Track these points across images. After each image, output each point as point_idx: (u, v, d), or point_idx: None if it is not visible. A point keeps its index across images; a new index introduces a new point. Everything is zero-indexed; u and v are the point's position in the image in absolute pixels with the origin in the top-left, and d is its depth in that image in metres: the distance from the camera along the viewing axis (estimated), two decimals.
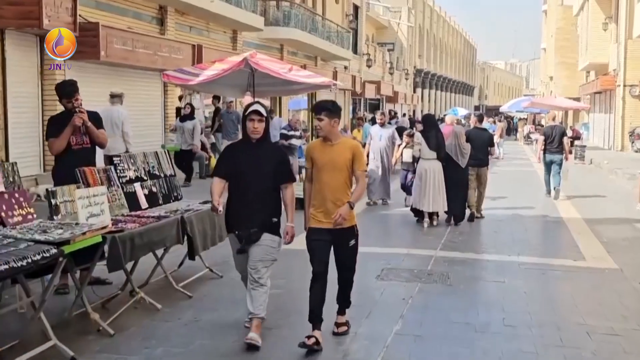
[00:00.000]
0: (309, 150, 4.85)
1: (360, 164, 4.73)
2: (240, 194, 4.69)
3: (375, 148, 11.99)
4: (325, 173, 4.68)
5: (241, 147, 4.82)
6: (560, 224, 10.32)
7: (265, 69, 10.48)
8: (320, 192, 4.73)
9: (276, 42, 21.13)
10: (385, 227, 10.29)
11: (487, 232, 9.55)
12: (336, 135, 4.73)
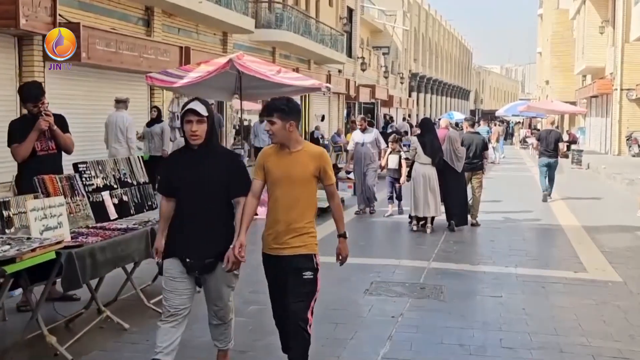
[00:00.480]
0: (261, 157, 3.94)
1: (328, 177, 3.88)
2: (187, 214, 3.80)
3: (358, 154, 11.48)
4: (279, 188, 3.82)
5: (182, 157, 3.92)
6: (559, 232, 9.91)
7: (251, 71, 10.05)
8: (272, 211, 3.87)
9: (268, 45, 20.70)
10: (376, 236, 9.86)
11: (483, 241, 9.13)
12: (295, 141, 3.85)
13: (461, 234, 9.69)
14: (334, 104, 28.51)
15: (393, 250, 8.51)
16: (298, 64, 23.12)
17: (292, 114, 3.83)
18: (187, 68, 10.91)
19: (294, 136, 3.86)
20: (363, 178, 11.35)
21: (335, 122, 28.31)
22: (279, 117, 3.79)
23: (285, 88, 11.42)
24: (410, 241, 9.11)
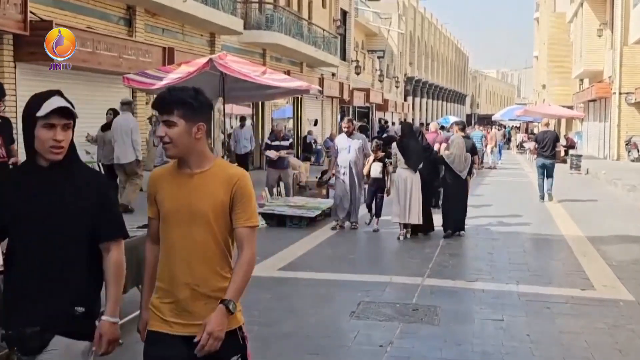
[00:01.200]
0: (151, 183, 2.68)
1: (245, 213, 2.54)
2: (19, 261, 2.53)
3: (342, 161, 10.15)
4: (175, 228, 2.55)
5: (25, 178, 2.57)
6: (562, 243, 9.30)
7: (233, 72, 9.44)
8: (166, 265, 2.58)
9: (258, 47, 20.10)
10: (366, 248, 9.22)
11: (481, 254, 8.50)
12: (201, 157, 2.57)
13: (458, 245, 9.08)
14: (327, 108, 27.93)
15: (384, 265, 7.88)
16: (290, 66, 22.51)
17: (202, 112, 2.56)
18: (166, 69, 10.32)
19: (201, 148, 2.56)
20: (349, 189, 10.03)
21: (329, 127, 27.71)
22: (182, 116, 2.50)
23: (272, 90, 10.87)
24: (403, 254, 8.48)
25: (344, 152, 10.18)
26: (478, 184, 18.39)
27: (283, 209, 10.61)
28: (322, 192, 14.01)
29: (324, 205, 11.33)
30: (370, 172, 10.04)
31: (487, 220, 11.30)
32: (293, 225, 10.36)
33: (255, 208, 2.61)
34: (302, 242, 9.07)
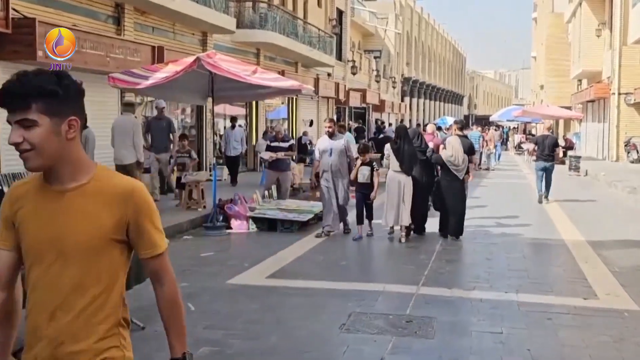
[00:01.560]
0: (7, 203, 1.99)
1: (150, 239, 1.98)
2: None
3: (325, 165, 9.49)
4: (40, 264, 1.91)
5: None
6: (562, 248, 8.97)
7: (222, 71, 9.11)
8: (31, 313, 1.94)
9: (252, 46, 19.75)
10: (357, 255, 8.82)
11: (479, 260, 8.17)
12: (77, 165, 1.93)
13: (455, 250, 8.75)
14: (323, 109, 27.58)
15: (377, 272, 7.54)
16: (284, 66, 22.17)
17: (71, 102, 1.90)
18: (153, 68, 9.98)
19: (76, 153, 1.92)
20: (334, 195, 9.46)
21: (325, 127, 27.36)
22: (45, 111, 1.84)
23: (263, 90, 10.55)
24: (397, 260, 8.15)
25: (326, 155, 9.47)
26: (476, 186, 18.09)
27: (274, 213, 10.28)
28: (316, 194, 13.66)
29: (317, 208, 10.98)
30: (358, 176, 9.31)
31: (485, 223, 10.98)
32: (284, 230, 10.03)
33: (160, 227, 2.01)
34: (292, 247, 8.74)
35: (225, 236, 9.71)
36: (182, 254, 8.30)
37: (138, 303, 5.66)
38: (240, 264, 7.64)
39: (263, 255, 8.14)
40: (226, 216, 10.24)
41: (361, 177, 9.31)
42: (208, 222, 9.93)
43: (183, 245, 9.01)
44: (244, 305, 5.81)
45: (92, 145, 9.68)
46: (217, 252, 8.46)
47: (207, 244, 8.96)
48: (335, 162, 9.44)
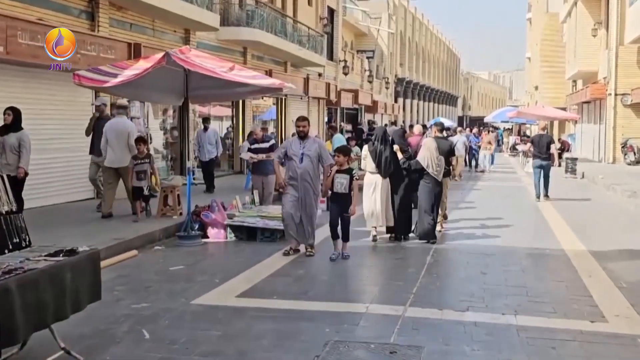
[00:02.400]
0: None
1: None
2: None
3: (292, 172, 8.07)
4: None
5: None
6: (563, 259, 8.30)
7: (194, 67, 8.40)
8: None
9: (238, 45, 19.02)
10: (340, 269, 7.85)
11: (473, 274, 7.47)
12: None
13: (447, 262, 8.08)
14: (314, 109, 26.87)
15: (361, 289, 6.83)
16: (273, 66, 21.48)
17: None
18: (122, 65, 9.24)
19: None
20: (302, 207, 8.11)
21: (315, 129, 26.65)
22: None
23: (241, 88, 9.85)
24: (384, 275, 7.44)
25: (294, 161, 8.04)
26: (470, 189, 17.46)
27: (254, 221, 9.55)
28: None
29: None
30: (334, 185, 7.95)
31: (480, 231, 10.32)
32: (264, 239, 9.31)
33: None
34: (271, 259, 8.03)
35: (200, 246, 9.00)
36: (149, 268, 7.60)
37: (80, 330, 4.99)
38: (210, 280, 6.94)
39: (238, 268, 7.44)
40: (202, 224, 9.54)
41: (338, 186, 7.93)
42: (182, 231, 9.22)
43: (152, 257, 8.29)
44: (205, 332, 5.11)
45: (27, 149, 8.94)
46: (188, 265, 7.75)
47: (179, 256, 8.25)
48: (306, 170, 7.99)
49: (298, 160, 8.08)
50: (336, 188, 7.97)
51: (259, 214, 9.96)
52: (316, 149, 8.15)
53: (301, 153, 8.11)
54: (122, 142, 10.23)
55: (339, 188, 7.94)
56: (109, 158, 10.29)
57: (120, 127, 10.29)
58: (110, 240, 8.36)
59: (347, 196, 7.93)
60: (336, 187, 7.96)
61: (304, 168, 8.06)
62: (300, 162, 8.07)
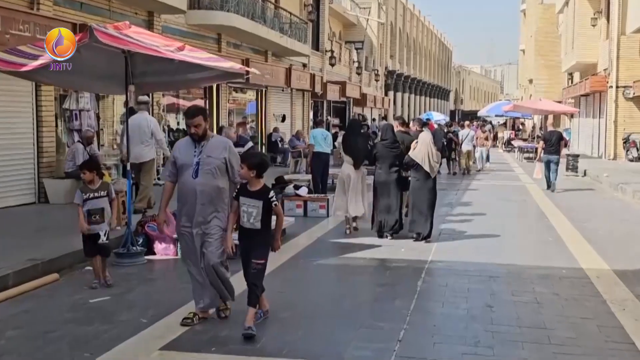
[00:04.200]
0: None
1: None
2: None
3: (185, 192, 5.23)
4: None
5: None
6: (586, 284, 6.71)
7: (126, 44, 6.73)
8: None
9: (211, 31, 17.31)
10: (306, 300, 6.19)
11: (477, 307, 5.87)
12: None
13: (443, 287, 6.50)
14: (298, 102, 25.25)
15: (331, 338, 5.21)
16: (252, 54, 19.84)
17: None
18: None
19: None
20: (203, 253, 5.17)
21: (300, 123, 25.04)
22: None
23: (196, 73, 8.18)
24: (364, 311, 5.79)
25: (187, 175, 5.13)
26: (465, 190, 15.95)
27: None
28: None
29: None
30: (240, 217, 5.02)
31: (480, 244, 8.77)
32: None
33: None
34: None
35: (141, 266, 7.38)
36: (65, 299, 5.98)
37: None
38: (137, 319, 5.32)
39: (179, 299, 5.81)
40: (148, 238, 7.92)
41: (245, 218, 4.96)
42: (121, 248, 7.58)
43: (77, 282, 6.65)
44: None
45: None
46: (117, 294, 6.13)
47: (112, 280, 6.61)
48: (205, 190, 5.08)
49: (191, 173, 5.12)
50: (242, 220, 4.99)
51: None
52: (222, 154, 5.15)
53: (196, 162, 5.12)
54: (145, 138, 10.11)
55: (246, 220, 4.94)
56: (132, 154, 9.95)
57: (142, 123, 10.12)
58: (24, 261, 6.72)
59: (260, 233, 4.95)
60: (242, 219, 4.98)
61: (198, 184, 5.08)
62: (194, 177, 5.11)
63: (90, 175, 6.51)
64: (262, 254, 5.00)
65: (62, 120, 11.83)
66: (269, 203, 4.96)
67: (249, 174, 4.95)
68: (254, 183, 5.00)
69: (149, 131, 10.12)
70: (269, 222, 5.07)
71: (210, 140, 5.26)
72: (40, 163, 11.12)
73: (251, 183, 5.01)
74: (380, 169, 9.10)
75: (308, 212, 11.13)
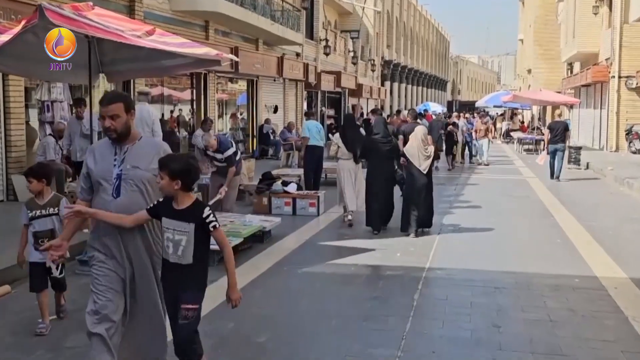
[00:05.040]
0: None
1: None
2: None
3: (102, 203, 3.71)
4: None
5: None
6: (603, 297, 5.98)
7: (80, 26, 5.94)
8: None
9: (198, 17, 16.45)
10: (288, 323, 5.50)
11: (482, 326, 5.14)
12: None
13: (443, 301, 5.76)
14: (291, 93, 24.43)
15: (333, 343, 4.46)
16: (241, 43, 19.00)
17: None
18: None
19: None
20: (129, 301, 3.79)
21: (293, 115, 24.24)
22: None
23: (169, 60, 7.38)
24: (352, 332, 5.05)
25: (106, 190, 3.71)
26: (464, 184, 15.23)
27: None
28: (263, 202, 10.64)
29: (252, 227, 7.96)
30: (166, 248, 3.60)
31: (483, 247, 8.05)
32: None
33: None
34: None
35: None
36: (10, 318, 5.23)
37: None
38: (83, 345, 4.57)
39: None
40: None
41: (169, 250, 3.57)
42: (83, 255, 6.82)
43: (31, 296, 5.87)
44: None
45: None
46: (71, 311, 5.36)
47: (69, 294, 5.84)
48: (130, 212, 3.66)
49: (111, 190, 3.68)
50: (165, 252, 3.60)
51: None
52: (152, 164, 3.66)
53: (117, 175, 3.69)
54: (146, 129, 9.57)
55: (172, 252, 3.56)
56: None
57: (144, 115, 9.68)
58: None
59: (192, 270, 3.57)
60: (165, 250, 3.60)
61: (127, 210, 3.65)
62: (116, 195, 3.68)
63: (38, 186, 5.01)
64: (194, 297, 3.56)
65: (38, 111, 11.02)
66: (204, 226, 3.51)
67: (172, 186, 3.50)
68: (181, 198, 3.54)
69: (151, 122, 9.82)
70: (206, 254, 3.62)
71: (138, 143, 3.76)
72: (8, 158, 10.34)
73: (177, 198, 3.54)
74: (373, 163, 9.06)
75: (297, 210, 10.38)
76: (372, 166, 9.11)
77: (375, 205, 8.90)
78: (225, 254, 3.58)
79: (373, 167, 9.06)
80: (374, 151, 8.99)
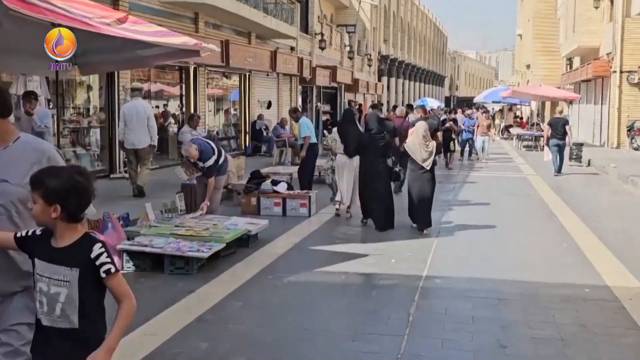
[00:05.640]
0: None
1: None
2: None
3: None
4: None
5: None
6: (617, 309, 5.45)
7: (40, 12, 5.38)
8: None
9: (187, 9, 15.85)
10: (268, 343, 4.97)
11: (486, 345, 4.61)
12: None
13: (441, 317, 5.22)
14: (285, 88, 23.84)
15: None
16: (233, 36, 18.40)
17: None
18: None
19: None
20: None
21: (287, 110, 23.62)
22: None
23: (146, 50, 6.84)
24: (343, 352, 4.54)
25: None
26: (462, 183, 14.70)
27: (162, 243, 6.63)
28: (251, 202, 10.09)
29: (237, 230, 7.40)
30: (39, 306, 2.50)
31: (485, 254, 7.51)
32: (175, 271, 6.40)
33: None
34: (170, 313, 5.13)
35: None
36: None
37: None
38: None
39: None
40: None
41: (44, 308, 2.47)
42: None
43: None
44: None
45: None
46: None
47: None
48: None
49: None
50: (39, 312, 2.52)
51: (173, 231, 7.05)
52: (26, 178, 2.53)
53: None
54: (142, 124, 10.15)
55: (46, 311, 2.47)
56: (129, 140, 10.25)
57: (139, 110, 10.25)
58: None
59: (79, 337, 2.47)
60: (39, 309, 2.52)
61: None
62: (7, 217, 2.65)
63: None
64: None
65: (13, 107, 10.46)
66: (94, 271, 2.44)
67: (48, 213, 2.42)
68: (62, 232, 2.46)
69: (146, 117, 10.19)
70: (99, 313, 2.52)
71: (11, 146, 2.70)
72: None
73: (56, 232, 2.47)
74: (367, 158, 9.03)
75: (287, 211, 9.83)
76: (367, 162, 9.06)
77: (375, 204, 8.82)
78: (123, 309, 2.44)
79: (367, 162, 9.03)
80: (369, 146, 9.01)
